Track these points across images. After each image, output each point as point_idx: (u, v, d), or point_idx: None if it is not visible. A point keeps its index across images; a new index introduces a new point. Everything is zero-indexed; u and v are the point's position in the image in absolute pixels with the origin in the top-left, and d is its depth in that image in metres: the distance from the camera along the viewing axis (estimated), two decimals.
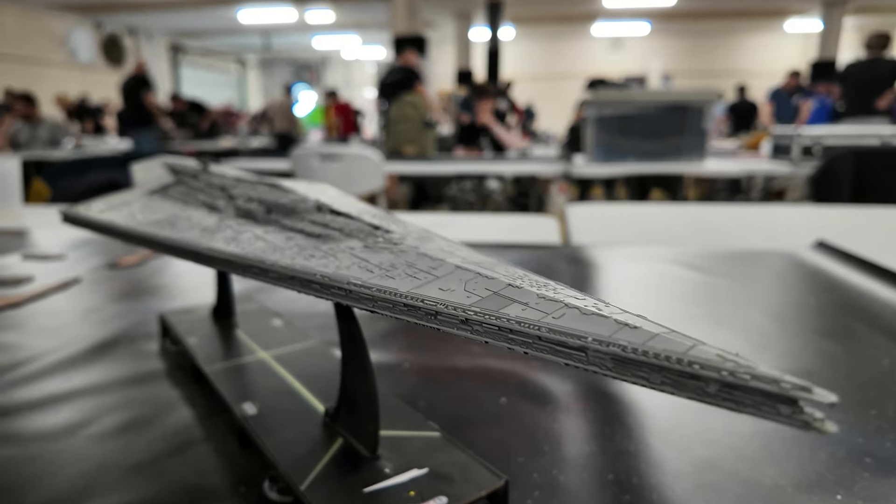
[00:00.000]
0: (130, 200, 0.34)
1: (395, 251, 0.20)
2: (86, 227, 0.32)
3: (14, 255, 0.68)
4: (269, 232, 0.24)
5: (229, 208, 0.29)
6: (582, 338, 0.12)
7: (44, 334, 0.43)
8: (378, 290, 0.17)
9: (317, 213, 0.25)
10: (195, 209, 0.30)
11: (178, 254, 0.25)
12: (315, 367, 0.32)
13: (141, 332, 0.43)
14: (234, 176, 0.40)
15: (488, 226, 0.91)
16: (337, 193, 0.37)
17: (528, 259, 0.66)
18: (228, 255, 0.22)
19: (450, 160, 3.20)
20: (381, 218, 0.26)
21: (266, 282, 0.21)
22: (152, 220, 0.29)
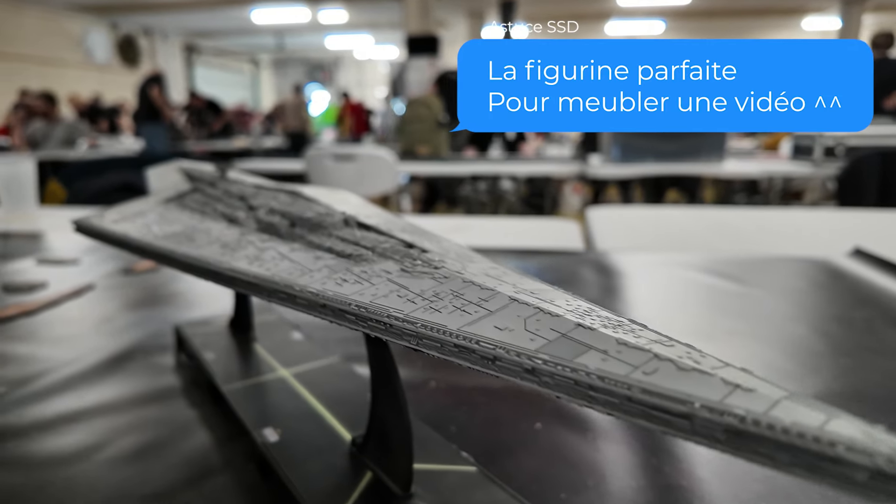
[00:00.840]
0: (145, 210, 0.32)
1: (436, 277, 0.18)
2: (99, 239, 0.31)
3: (29, 260, 0.67)
4: (295, 250, 0.22)
5: (250, 221, 0.27)
6: (686, 402, 0.10)
7: (57, 345, 0.41)
8: (424, 327, 0.15)
9: (344, 229, 0.23)
10: (214, 221, 0.28)
11: (196, 273, 0.24)
12: (338, 388, 0.30)
13: (156, 343, 0.41)
14: (252, 183, 0.38)
15: (508, 230, 0.89)
16: (360, 202, 0.35)
17: (553, 266, 0.64)
18: (252, 278, 0.21)
19: (464, 161, 3.18)
20: (413, 233, 0.25)
21: (294, 308, 0.19)
22: (169, 234, 0.27)
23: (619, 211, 1.03)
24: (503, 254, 0.69)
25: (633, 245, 0.78)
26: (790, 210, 1.14)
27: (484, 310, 0.15)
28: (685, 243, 0.80)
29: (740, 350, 0.41)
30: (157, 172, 0.44)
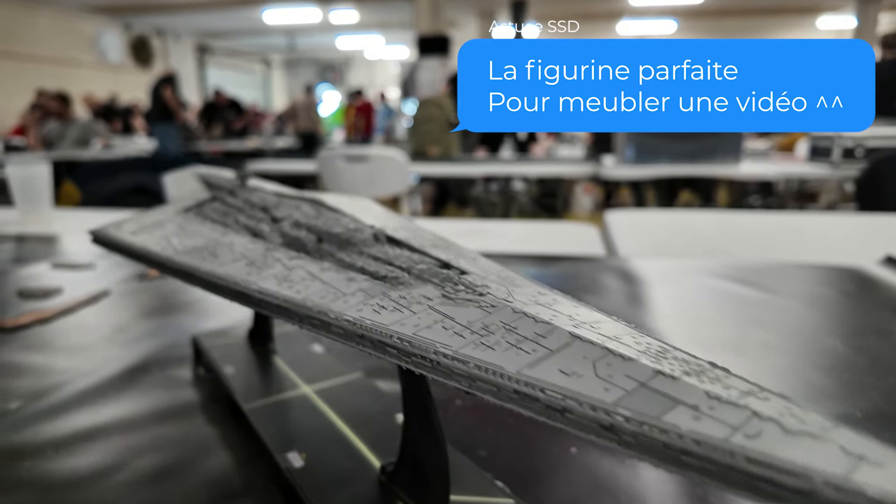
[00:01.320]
0: (164, 220, 0.31)
1: (483, 305, 0.16)
2: (117, 251, 0.30)
3: (43, 264, 0.66)
4: (326, 269, 0.21)
5: (275, 235, 0.26)
6: (803, 476, 0.09)
7: (72, 355, 0.41)
8: (478, 367, 0.14)
9: (375, 245, 0.22)
10: (237, 234, 0.27)
11: (221, 292, 0.22)
12: (363, 407, 0.29)
13: (172, 355, 0.40)
14: (273, 191, 0.37)
15: (524, 233, 0.87)
16: (383, 212, 0.34)
17: (574, 273, 0.62)
18: (283, 301, 0.19)
19: (475, 161, 3.16)
20: (445, 249, 0.23)
21: (327, 336, 0.18)
22: (190, 248, 0.26)
23: (638, 215, 1.01)
24: (522, 259, 0.67)
25: (655, 250, 0.77)
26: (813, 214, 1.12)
27: (543, 348, 0.14)
28: (707, 249, 0.78)
29: (775, 365, 0.40)
30: (175, 179, 0.43)
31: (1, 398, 0.34)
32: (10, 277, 0.61)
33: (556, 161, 3.29)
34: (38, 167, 0.93)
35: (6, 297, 0.55)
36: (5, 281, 0.60)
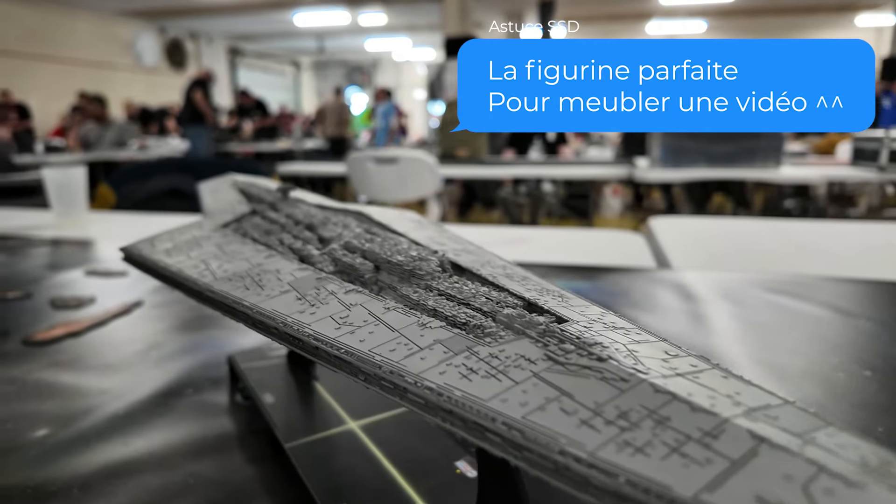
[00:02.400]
0: (201, 238, 0.29)
1: (609, 378, 0.13)
2: (150, 273, 0.27)
3: (77, 270, 0.65)
4: (390, 310, 0.18)
5: (325, 260, 0.23)
6: None
7: (103, 374, 0.38)
8: (632, 485, 0.10)
9: (443, 278, 0.19)
10: (282, 258, 0.24)
11: (268, 332, 0.19)
12: (418, 451, 0.26)
13: (207, 376, 0.38)
14: (316, 203, 0.34)
15: (568, 242, 0.83)
16: (436, 229, 0.31)
17: (626, 286, 0.58)
18: (344, 352, 0.16)
19: (504, 163, 3.12)
20: (524, 281, 0.20)
21: (402, 404, 0.15)
22: (231, 273, 0.23)
23: (686, 222, 0.96)
24: (567, 270, 0.63)
25: (707, 261, 0.72)
26: (880, 223, 1.05)
27: (721, 457, 0.10)
28: (766, 261, 0.73)
29: (868, 400, 0.35)
30: (210, 188, 0.41)
31: (28, 423, 0.32)
32: (44, 284, 0.60)
33: (586, 163, 3.23)
34: (75, 170, 0.92)
35: (39, 305, 0.53)
36: (39, 288, 0.59)
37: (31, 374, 0.38)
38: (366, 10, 8.19)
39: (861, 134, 2.43)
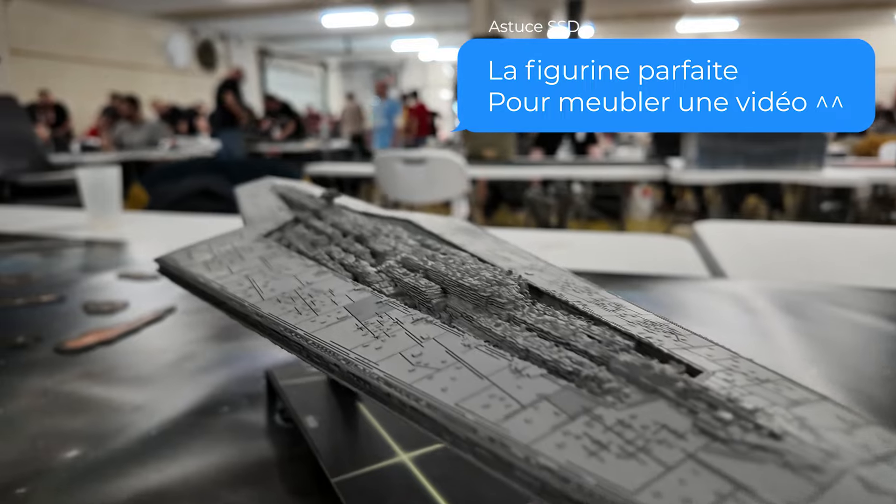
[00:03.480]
0: (242, 249, 0.26)
1: (793, 464, 0.10)
2: (188, 288, 0.25)
3: (110, 273, 0.64)
4: (472, 347, 0.15)
5: (383, 280, 0.20)
6: None
7: (135, 388, 0.37)
8: None
9: (528, 306, 0.16)
10: (333, 274, 0.22)
11: (326, 368, 0.17)
12: (481, 494, 0.23)
13: (244, 391, 0.36)
14: (361, 210, 0.32)
15: (611, 247, 0.80)
16: (492, 239, 0.28)
17: (681, 297, 0.55)
18: (426, 406, 0.13)
19: (532, 164, 3.08)
20: (619, 309, 0.17)
21: (508, 481, 0.12)
22: (279, 293, 0.21)
23: (735, 227, 0.92)
24: (615, 279, 0.60)
25: (763, 271, 0.68)
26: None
27: None
28: (825, 270, 0.68)
29: None
30: (248, 192, 0.39)
31: (59, 441, 0.30)
32: (77, 288, 0.59)
33: (618, 163, 3.16)
34: (109, 171, 0.92)
35: (73, 310, 0.52)
36: (72, 291, 0.58)
37: (63, 386, 0.37)
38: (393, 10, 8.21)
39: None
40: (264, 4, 7.83)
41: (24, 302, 0.54)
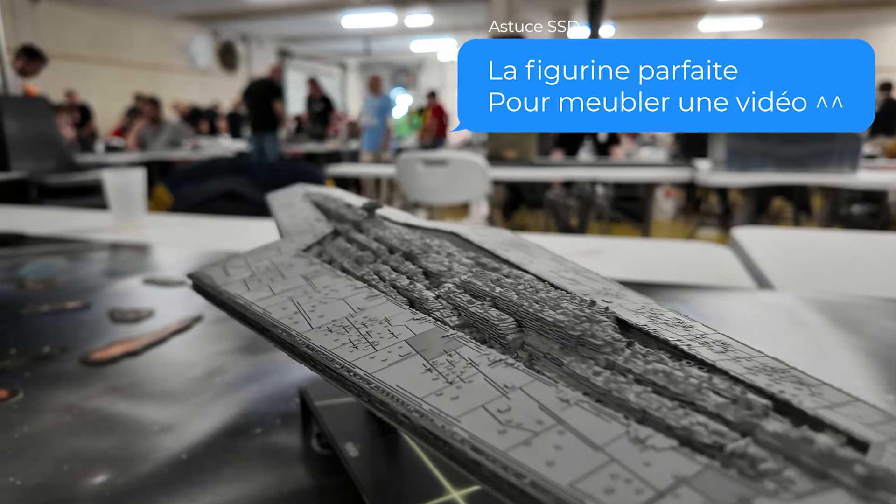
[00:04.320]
0: (282, 266, 0.24)
1: None
2: (225, 310, 0.23)
3: (135, 278, 0.63)
4: (572, 404, 0.13)
5: (445, 307, 0.18)
6: None
7: (162, 404, 0.35)
8: None
9: (627, 349, 0.14)
10: (386, 298, 0.19)
11: (394, 419, 0.14)
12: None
13: (276, 409, 0.34)
14: (403, 222, 0.30)
15: (648, 254, 0.77)
16: (550, 256, 0.26)
17: (729, 309, 0.52)
18: (529, 486, 0.11)
19: (554, 165, 3.04)
20: (727, 348, 0.15)
21: None
22: (330, 321, 0.19)
23: (774, 234, 0.88)
24: (655, 288, 0.57)
25: (813, 281, 0.64)
26: None
27: None
28: (879, 282, 0.64)
29: None
30: (281, 200, 0.37)
31: (86, 465, 0.29)
32: (103, 294, 0.58)
33: (642, 165, 3.10)
34: (134, 173, 0.92)
35: (98, 317, 0.51)
36: (98, 297, 0.57)
37: (89, 402, 0.35)
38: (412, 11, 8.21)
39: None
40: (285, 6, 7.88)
41: (50, 309, 0.53)
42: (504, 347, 0.16)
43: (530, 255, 0.25)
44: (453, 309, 0.18)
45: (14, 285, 0.61)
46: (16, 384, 0.38)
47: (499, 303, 0.17)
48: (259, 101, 4.48)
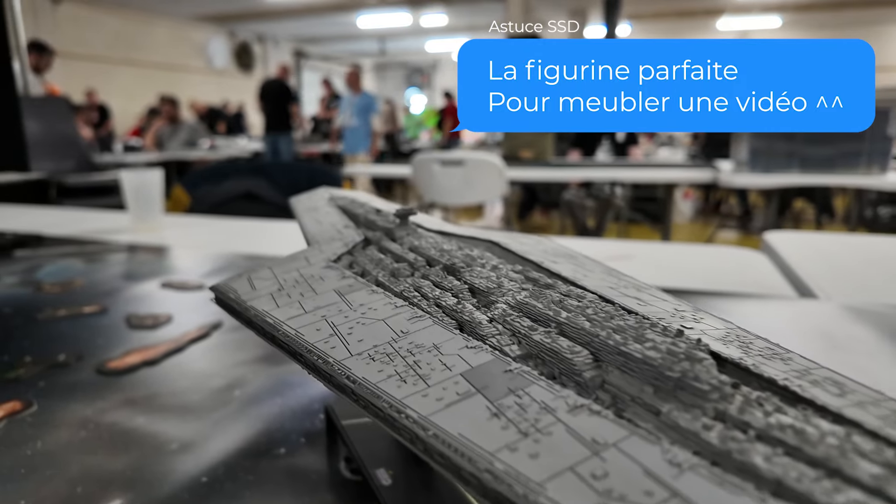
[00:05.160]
0: (312, 279, 0.22)
1: None
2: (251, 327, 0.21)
3: (153, 282, 0.62)
4: (684, 469, 0.10)
5: (503, 335, 0.16)
6: None
7: (181, 420, 0.33)
8: None
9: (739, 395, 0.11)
10: (433, 321, 0.17)
11: (458, 477, 0.12)
12: None
13: (300, 427, 0.32)
14: (436, 228, 0.28)
15: (679, 260, 0.74)
16: (603, 269, 0.24)
17: (772, 321, 0.49)
18: None
19: (572, 165, 3.01)
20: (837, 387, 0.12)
21: None
22: (370, 347, 0.17)
23: (809, 238, 0.84)
24: (694, 295, 0.54)
25: (858, 290, 0.61)
26: None
27: None
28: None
29: None
30: (305, 205, 0.35)
31: (101, 488, 0.27)
32: (121, 297, 0.57)
33: (662, 165, 3.05)
34: (151, 173, 0.91)
35: (115, 323, 0.50)
36: (115, 301, 0.55)
37: (105, 415, 0.33)
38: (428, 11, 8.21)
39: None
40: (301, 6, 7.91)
41: (67, 313, 0.52)
42: (580, 386, 0.14)
43: (581, 266, 0.23)
44: (512, 335, 0.16)
45: (32, 288, 0.60)
46: (30, 395, 0.36)
47: (567, 330, 0.15)
48: (273, 101, 4.49)
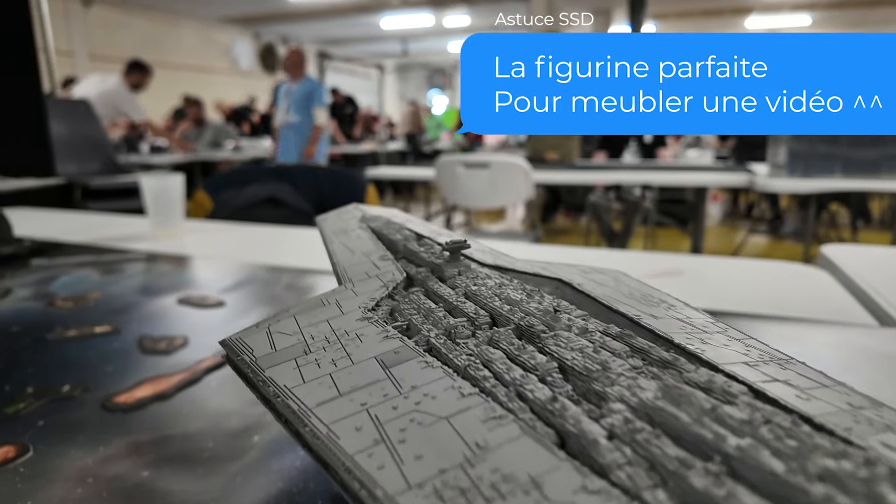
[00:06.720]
0: (345, 337, 0.18)
1: None
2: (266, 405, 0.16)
3: (170, 297, 0.58)
4: None
5: (633, 464, 0.11)
6: None
7: (193, 474, 0.29)
8: None
9: None
10: (520, 429, 0.12)
11: None
12: None
13: (328, 490, 0.28)
14: (491, 262, 0.23)
15: (731, 276, 0.68)
16: (710, 318, 0.19)
17: (855, 357, 0.43)
18: None
19: (598, 168, 2.93)
20: None
21: None
22: (429, 465, 0.12)
23: (873, 252, 0.78)
24: (759, 320, 0.49)
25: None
26: None
27: None
28: None
29: None
30: (333, 227, 0.31)
31: None
32: (135, 315, 0.53)
33: (693, 168, 2.96)
34: (172, 178, 0.88)
35: (127, 346, 0.46)
36: (128, 320, 0.52)
37: (106, 466, 0.30)
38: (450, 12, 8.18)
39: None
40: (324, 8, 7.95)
41: (77, 334, 0.48)
42: None
43: (687, 322, 0.18)
44: (650, 469, 0.11)
45: (44, 302, 0.57)
46: (27, 437, 0.32)
47: (744, 472, 0.10)
48: None
